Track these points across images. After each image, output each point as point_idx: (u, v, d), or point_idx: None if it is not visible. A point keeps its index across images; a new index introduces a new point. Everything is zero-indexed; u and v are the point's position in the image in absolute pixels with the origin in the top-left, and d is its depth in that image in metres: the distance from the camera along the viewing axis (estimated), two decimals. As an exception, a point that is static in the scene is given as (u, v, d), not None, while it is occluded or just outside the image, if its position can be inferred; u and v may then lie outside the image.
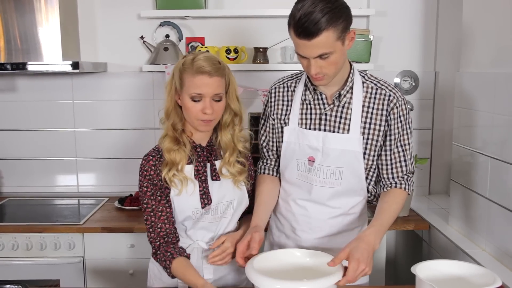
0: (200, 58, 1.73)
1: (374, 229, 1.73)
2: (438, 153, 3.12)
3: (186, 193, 1.79)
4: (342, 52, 1.72)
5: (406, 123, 1.87)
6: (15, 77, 3.13)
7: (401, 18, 3.01)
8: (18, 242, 2.61)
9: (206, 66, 1.71)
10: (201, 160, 1.84)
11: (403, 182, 1.89)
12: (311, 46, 1.66)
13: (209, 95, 1.73)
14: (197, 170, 1.82)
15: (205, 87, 1.72)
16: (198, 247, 1.88)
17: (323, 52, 1.66)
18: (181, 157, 1.79)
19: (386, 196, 1.88)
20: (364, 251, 1.62)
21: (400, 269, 3.05)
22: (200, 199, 1.81)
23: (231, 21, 3.05)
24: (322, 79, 1.76)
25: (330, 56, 1.68)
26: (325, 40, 1.64)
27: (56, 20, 2.72)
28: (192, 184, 1.80)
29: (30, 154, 3.21)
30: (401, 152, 1.88)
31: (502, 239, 2.02)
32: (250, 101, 3.07)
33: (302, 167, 1.91)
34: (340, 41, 1.68)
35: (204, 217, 1.84)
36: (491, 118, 2.09)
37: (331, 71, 1.73)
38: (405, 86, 3.06)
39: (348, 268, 1.56)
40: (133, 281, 2.62)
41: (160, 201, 1.80)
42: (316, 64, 1.70)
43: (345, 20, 1.68)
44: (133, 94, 3.13)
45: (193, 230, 1.86)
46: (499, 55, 2.09)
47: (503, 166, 2.00)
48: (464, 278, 1.61)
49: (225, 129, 1.85)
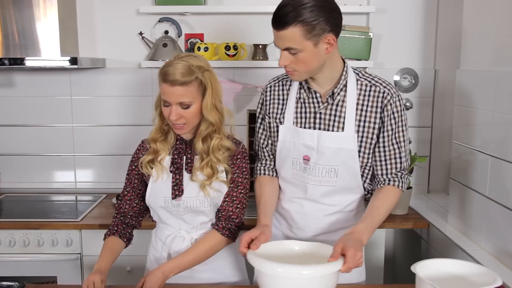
0: (172, 65, 1.75)
1: (363, 226, 1.73)
2: (438, 151, 3.12)
3: (161, 181, 1.88)
4: (314, 54, 1.72)
5: (400, 120, 1.86)
6: (13, 73, 3.12)
7: (401, 15, 3.00)
8: (15, 238, 2.59)
9: (171, 75, 1.72)
10: (178, 153, 1.90)
11: (397, 179, 1.88)
12: (279, 37, 1.72)
13: (173, 103, 1.77)
14: (172, 161, 1.89)
15: (168, 95, 1.76)
16: (180, 236, 1.93)
17: (288, 46, 1.70)
18: (162, 148, 1.89)
19: (379, 193, 1.88)
20: (356, 242, 1.62)
21: (399, 267, 3.04)
22: (172, 190, 1.87)
23: (230, 17, 3.03)
24: (293, 74, 1.79)
25: (299, 53, 1.70)
26: (291, 35, 1.67)
27: (55, 15, 2.70)
28: (167, 174, 1.88)
29: (28, 150, 3.19)
30: (396, 149, 1.87)
31: (501, 237, 2.01)
32: (249, 98, 3.06)
33: (297, 166, 1.90)
34: (311, 41, 1.68)
35: (176, 209, 1.89)
36: (491, 116, 2.08)
37: (301, 68, 1.75)
38: (405, 84, 3.05)
39: (346, 256, 1.56)
40: (130, 278, 2.61)
41: (130, 183, 1.96)
42: (285, 56, 1.74)
43: (323, 24, 1.67)
44: (132, 90, 3.11)
45: (172, 220, 1.93)
46: (500, 53, 2.08)
47: (503, 164, 1.99)
48: (464, 277, 1.61)
49: (198, 137, 1.85)
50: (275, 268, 1.51)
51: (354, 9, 2.92)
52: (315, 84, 1.86)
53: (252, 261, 1.58)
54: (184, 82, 1.73)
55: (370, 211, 1.81)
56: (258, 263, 1.56)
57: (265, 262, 1.54)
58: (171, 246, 1.93)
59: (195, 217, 1.91)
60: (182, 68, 1.74)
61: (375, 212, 1.80)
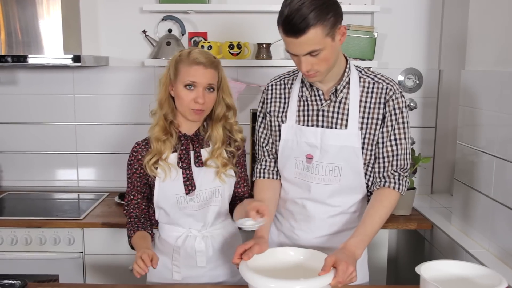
0: (196, 51, 1.85)
1: (356, 240, 1.71)
2: (441, 152, 3.11)
3: (170, 179, 1.88)
4: (333, 48, 1.70)
5: (401, 117, 1.83)
6: (15, 70, 3.11)
7: (406, 15, 2.99)
8: (18, 236, 2.59)
9: (202, 58, 1.82)
10: (184, 148, 1.91)
11: (393, 180, 1.85)
12: (300, 44, 1.64)
13: (202, 85, 1.83)
14: (180, 157, 1.90)
15: (200, 76, 1.82)
16: (191, 235, 1.93)
17: (312, 49, 1.65)
18: (166, 147, 1.88)
19: (374, 200, 1.85)
20: (349, 257, 1.61)
21: (402, 268, 3.03)
22: (184, 185, 1.88)
23: (234, 16, 3.02)
24: (315, 75, 1.75)
25: (320, 53, 1.67)
26: (313, 37, 1.62)
27: (58, 13, 2.70)
28: (175, 171, 1.89)
29: (30, 148, 3.19)
30: (394, 146, 1.84)
31: (506, 239, 2.00)
32: (252, 97, 3.05)
33: (300, 165, 1.89)
34: (330, 37, 1.66)
35: (190, 205, 1.89)
36: (496, 117, 2.07)
37: (323, 67, 1.72)
38: (409, 84, 3.03)
39: (337, 270, 1.54)
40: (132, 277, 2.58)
41: (134, 186, 1.96)
42: (307, 61, 1.69)
43: (334, 16, 1.65)
44: (135, 89, 3.11)
45: (182, 219, 1.92)
46: (505, 53, 2.06)
47: (508, 165, 1.98)
48: (469, 279, 1.60)
49: (217, 122, 1.93)
50: (267, 283, 1.50)
51: (358, 9, 2.91)
52: (318, 82, 1.85)
53: (244, 275, 1.57)
54: (214, 67, 1.86)
55: (364, 221, 1.78)
56: (250, 277, 1.54)
57: (257, 277, 1.53)
58: (184, 246, 1.93)
59: (207, 213, 1.92)
60: (209, 55, 1.86)
61: (368, 223, 1.77)
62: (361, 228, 1.76)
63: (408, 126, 1.86)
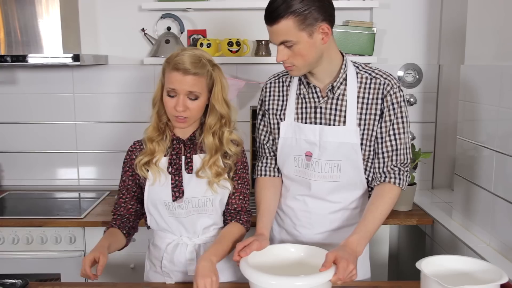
0: (183, 54, 1.74)
1: (358, 236, 1.71)
2: (442, 147, 3.10)
3: (159, 184, 1.82)
4: (310, 45, 1.71)
5: (400, 111, 1.83)
6: (15, 70, 3.11)
7: (404, 10, 2.99)
8: (19, 236, 2.59)
9: (183, 64, 1.71)
10: (176, 153, 1.85)
11: (393, 175, 1.84)
12: (273, 32, 1.72)
13: (182, 92, 1.73)
14: (170, 163, 1.84)
15: (178, 84, 1.72)
16: (182, 243, 1.87)
17: (284, 39, 1.70)
18: (159, 149, 1.83)
19: (374, 195, 1.84)
20: (350, 255, 1.60)
21: (403, 264, 3.03)
22: (172, 192, 1.82)
23: (233, 13, 3.02)
24: (291, 69, 1.78)
25: (294, 46, 1.70)
26: (285, 28, 1.67)
27: (57, 12, 2.70)
28: (164, 176, 1.83)
29: (31, 147, 3.19)
30: (393, 141, 1.84)
31: (506, 233, 2.00)
32: (252, 94, 3.05)
33: (300, 163, 1.89)
34: (305, 32, 1.68)
35: (178, 212, 1.83)
36: (496, 111, 2.07)
37: (298, 62, 1.74)
38: (409, 79, 3.03)
39: (338, 267, 1.54)
40: (134, 275, 2.61)
41: (124, 185, 1.92)
42: (282, 52, 1.73)
43: (313, 12, 1.67)
44: (134, 87, 3.11)
45: (174, 226, 1.87)
46: (504, 47, 2.06)
47: (508, 160, 1.97)
48: (470, 273, 1.60)
49: (208, 131, 1.83)
50: (268, 280, 1.50)
51: (357, 4, 2.91)
52: (314, 79, 1.85)
53: (245, 271, 1.57)
54: (197, 72, 1.73)
55: (365, 217, 1.78)
56: (250, 274, 1.54)
57: (258, 273, 1.52)
58: (174, 253, 1.87)
59: (197, 221, 1.86)
60: (195, 59, 1.73)
61: (369, 219, 1.77)
62: (362, 225, 1.76)
63: (407, 120, 1.85)
